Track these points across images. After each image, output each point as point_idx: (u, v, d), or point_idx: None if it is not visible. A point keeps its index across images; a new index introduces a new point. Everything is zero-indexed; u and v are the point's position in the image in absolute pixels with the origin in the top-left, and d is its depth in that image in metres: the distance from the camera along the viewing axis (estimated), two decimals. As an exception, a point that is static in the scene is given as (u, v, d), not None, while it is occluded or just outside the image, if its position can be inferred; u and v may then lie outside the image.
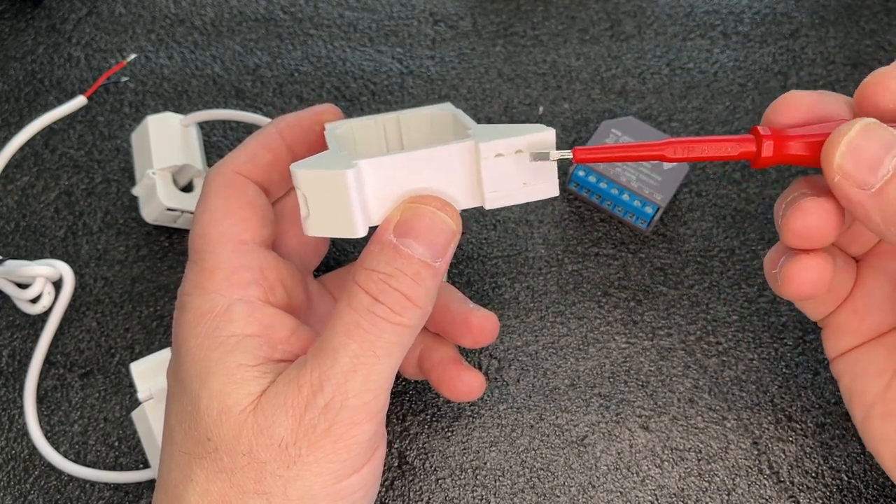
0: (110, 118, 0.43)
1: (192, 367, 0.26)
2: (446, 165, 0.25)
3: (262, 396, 0.25)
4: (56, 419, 0.36)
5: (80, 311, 0.38)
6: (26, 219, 0.41)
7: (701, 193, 0.41)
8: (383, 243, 0.25)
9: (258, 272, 0.28)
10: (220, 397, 0.25)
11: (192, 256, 0.28)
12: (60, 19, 0.46)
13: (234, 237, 0.28)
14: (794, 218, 0.25)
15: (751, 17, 0.46)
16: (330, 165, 0.25)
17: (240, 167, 0.30)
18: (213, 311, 0.27)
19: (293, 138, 0.31)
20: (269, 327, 0.27)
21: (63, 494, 0.35)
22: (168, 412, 0.28)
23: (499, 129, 0.26)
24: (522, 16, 0.46)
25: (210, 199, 0.29)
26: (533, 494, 0.35)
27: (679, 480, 0.35)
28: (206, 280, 0.27)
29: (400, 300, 0.25)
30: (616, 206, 0.39)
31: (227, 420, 0.25)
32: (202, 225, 0.28)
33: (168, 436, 0.27)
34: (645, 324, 0.38)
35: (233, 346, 0.26)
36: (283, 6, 0.46)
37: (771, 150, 0.25)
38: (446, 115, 0.30)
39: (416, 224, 0.25)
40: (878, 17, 0.45)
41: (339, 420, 0.25)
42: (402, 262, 0.25)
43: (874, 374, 0.30)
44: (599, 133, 0.40)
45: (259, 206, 0.29)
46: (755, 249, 0.39)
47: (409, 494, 0.35)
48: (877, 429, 0.29)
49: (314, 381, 0.25)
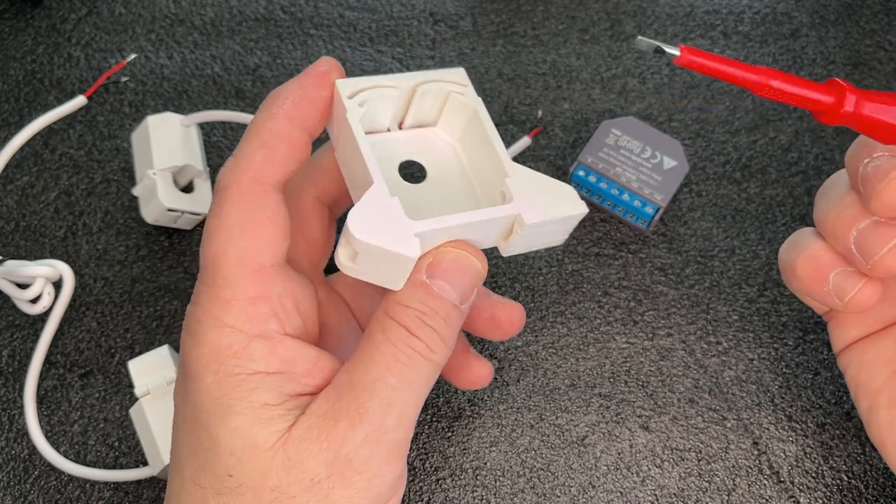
0: (110, 118, 0.43)
1: (210, 403, 0.25)
2: (487, 226, 0.26)
3: (293, 429, 0.25)
4: (56, 419, 0.36)
5: (80, 311, 0.38)
6: (26, 219, 0.41)
7: (701, 193, 0.41)
8: (416, 282, 0.26)
9: (276, 302, 0.26)
10: (244, 436, 0.25)
11: (204, 277, 0.26)
12: (60, 19, 0.46)
13: (252, 260, 0.26)
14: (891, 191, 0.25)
15: (751, 17, 0.46)
16: (395, 238, 0.24)
17: (258, 171, 0.27)
18: (232, 347, 0.25)
19: (303, 118, 0.27)
20: (290, 362, 0.26)
21: (63, 494, 0.35)
22: (178, 439, 0.27)
23: (537, 188, 0.27)
24: (522, 16, 0.46)
25: (226, 214, 0.26)
26: (533, 494, 0.35)
27: (679, 480, 0.35)
28: (222, 311, 0.26)
29: (434, 338, 0.25)
30: (616, 206, 0.39)
31: (254, 458, 0.25)
32: (217, 243, 0.26)
33: (178, 463, 0.27)
34: (645, 324, 0.38)
35: (255, 385, 0.25)
36: (283, 6, 0.46)
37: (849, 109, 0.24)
38: (468, 106, 0.29)
39: (449, 266, 0.26)
40: (878, 17, 0.45)
41: (376, 454, 0.25)
42: (436, 302, 0.26)
43: (881, 363, 0.30)
44: (599, 133, 0.40)
45: (279, 220, 0.27)
46: (755, 249, 0.39)
47: (409, 494, 0.35)
48: (882, 417, 0.29)
49: (352, 414, 0.24)
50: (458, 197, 0.29)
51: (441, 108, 0.30)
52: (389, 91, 0.28)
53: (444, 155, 0.30)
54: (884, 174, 0.25)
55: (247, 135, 0.27)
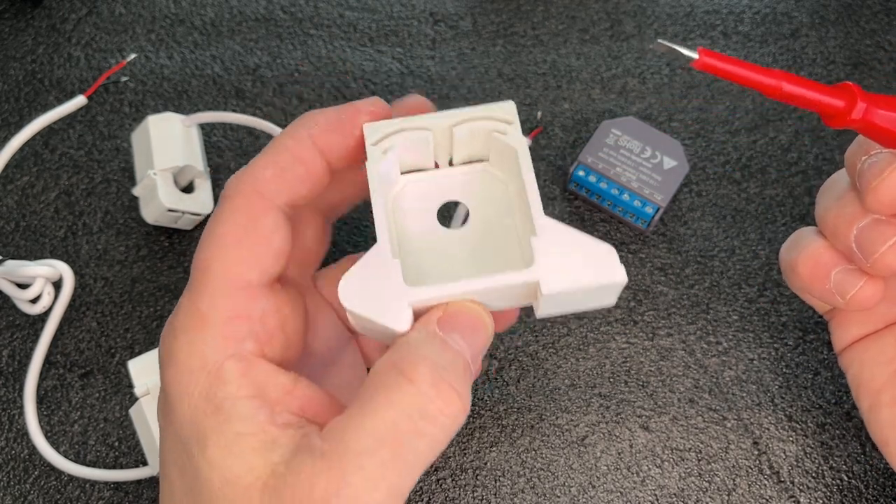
0: (110, 118, 0.43)
1: (187, 427, 0.24)
2: (501, 291, 0.24)
3: (270, 479, 0.23)
4: (56, 419, 0.36)
5: (80, 311, 0.38)
6: (26, 219, 0.41)
7: (701, 193, 0.41)
8: (430, 334, 0.23)
9: (257, 322, 0.25)
10: (220, 470, 0.23)
11: (189, 285, 0.25)
12: (60, 19, 0.46)
13: (237, 277, 0.25)
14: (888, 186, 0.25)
15: (751, 17, 0.46)
16: (382, 309, 0.23)
17: (264, 185, 0.25)
18: (205, 367, 0.24)
19: (328, 146, 0.26)
20: (263, 386, 0.24)
21: (63, 494, 0.35)
22: (165, 458, 0.26)
23: (567, 251, 0.24)
24: (522, 16, 0.46)
25: (221, 223, 0.25)
26: (533, 495, 0.35)
27: (679, 480, 0.35)
28: (197, 327, 0.25)
29: (454, 401, 0.22)
30: (616, 206, 0.39)
31: (231, 494, 0.23)
32: (208, 251, 0.25)
33: (168, 484, 0.26)
34: (645, 324, 0.38)
35: (228, 413, 0.24)
36: (283, 6, 0.46)
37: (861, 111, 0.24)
38: (509, 149, 0.26)
39: (462, 320, 0.23)
40: (878, 17, 0.45)
41: None
42: (452, 355, 0.23)
43: (883, 362, 0.30)
44: (599, 133, 0.40)
45: (276, 239, 0.25)
46: (755, 249, 0.39)
47: (410, 494, 0.35)
48: (884, 416, 0.29)
49: (330, 485, 0.22)
50: (497, 249, 0.26)
51: (487, 146, 0.28)
52: (420, 134, 0.26)
53: (494, 194, 0.28)
54: (880, 170, 0.25)
55: (266, 148, 0.26)
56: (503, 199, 0.27)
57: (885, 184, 0.25)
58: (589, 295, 0.24)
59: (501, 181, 0.28)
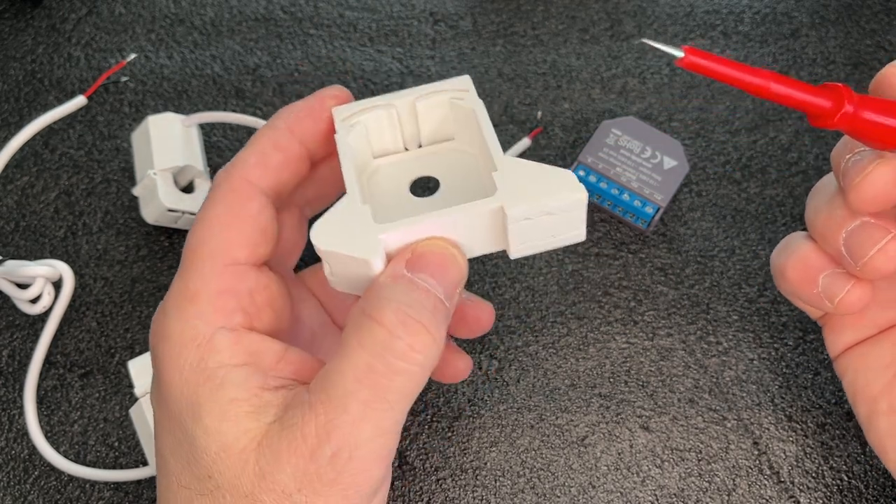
0: (110, 118, 0.43)
1: (182, 401, 0.25)
2: (470, 224, 0.25)
3: (265, 437, 0.24)
4: (56, 419, 0.36)
5: (80, 311, 0.38)
6: (26, 219, 0.41)
7: (701, 193, 0.41)
8: (397, 276, 0.24)
9: (246, 297, 0.26)
10: (216, 436, 0.24)
11: (180, 270, 0.27)
12: (60, 19, 0.46)
13: (225, 255, 0.26)
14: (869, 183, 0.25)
15: (751, 17, 0.46)
16: (353, 242, 0.24)
17: (249, 172, 0.27)
18: (196, 339, 0.25)
19: (304, 132, 0.28)
20: (255, 354, 0.25)
21: (63, 494, 0.35)
22: (160, 442, 0.26)
23: (528, 176, 0.25)
24: (522, 16, 0.46)
25: (210, 208, 0.27)
26: (533, 495, 0.35)
27: (679, 481, 0.35)
28: (188, 303, 0.26)
29: (422, 335, 0.23)
30: (616, 206, 0.39)
31: (227, 459, 0.24)
32: (197, 235, 0.26)
33: (163, 466, 0.26)
34: (645, 324, 0.38)
35: (221, 380, 0.25)
36: (283, 6, 0.46)
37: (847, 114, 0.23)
38: (467, 108, 0.28)
39: (431, 259, 0.24)
40: (878, 17, 0.45)
41: (347, 469, 0.23)
42: (421, 294, 0.24)
43: (880, 368, 0.30)
44: (599, 133, 0.40)
45: (262, 221, 0.27)
46: (755, 249, 0.39)
47: (409, 494, 0.35)
48: (882, 424, 0.29)
49: (320, 431, 0.23)
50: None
51: (451, 120, 0.29)
52: (384, 110, 0.28)
53: (463, 167, 0.29)
54: (862, 168, 0.25)
55: (248, 143, 0.28)
56: (472, 169, 0.29)
57: (867, 181, 0.25)
58: (556, 221, 0.25)
59: (469, 154, 0.29)
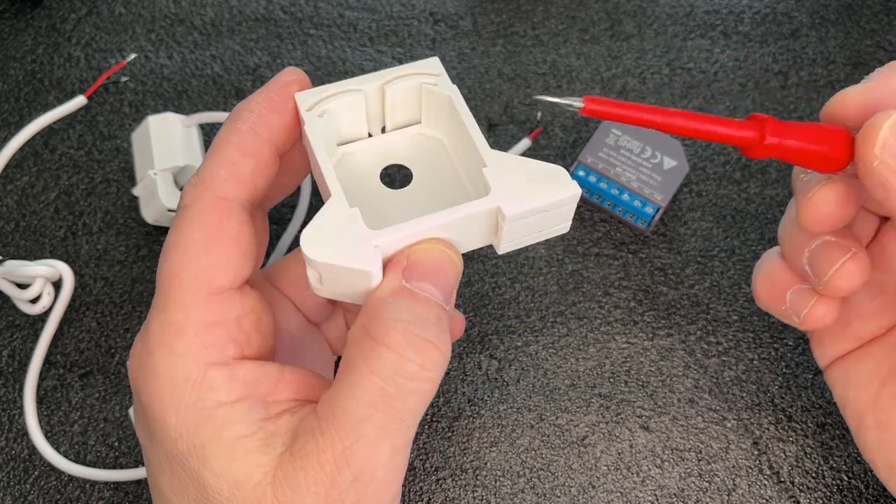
0: (110, 118, 0.43)
1: (182, 443, 0.24)
2: (466, 224, 0.24)
3: (279, 470, 0.23)
4: (56, 419, 0.36)
5: (80, 311, 0.38)
6: (26, 219, 0.41)
7: (701, 193, 0.41)
8: (397, 289, 0.23)
9: (234, 325, 0.25)
10: (227, 476, 0.23)
11: (157, 301, 0.25)
12: (60, 19, 0.46)
13: (209, 283, 0.24)
14: (812, 205, 0.26)
15: (751, 17, 0.46)
16: (350, 254, 0.23)
17: (222, 188, 0.25)
18: (189, 379, 0.24)
19: (270, 130, 0.26)
20: (252, 384, 0.24)
21: (63, 494, 0.35)
22: (157, 479, 0.25)
23: (518, 173, 0.24)
24: (522, 16, 0.46)
25: (185, 231, 0.24)
26: (533, 495, 0.35)
27: (679, 481, 0.35)
28: (174, 339, 0.24)
29: (430, 352, 0.23)
30: (616, 206, 0.39)
31: (242, 496, 0.23)
32: (173, 262, 0.24)
33: (165, 501, 0.25)
34: (645, 324, 0.38)
35: (223, 419, 0.23)
36: (283, 6, 0.46)
37: (772, 144, 0.24)
38: (443, 96, 0.27)
39: (429, 265, 0.23)
40: (878, 17, 0.45)
41: (369, 491, 0.23)
42: (424, 307, 0.23)
43: (863, 384, 0.30)
44: (599, 133, 0.40)
45: (243, 241, 0.25)
46: (755, 249, 0.39)
47: (409, 494, 0.35)
48: (870, 439, 0.29)
49: (338, 457, 0.23)
50: (447, 197, 0.27)
51: (419, 105, 0.28)
52: (352, 96, 0.27)
53: (432, 153, 0.28)
54: (808, 189, 0.26)
55: (210, 151, 0.26)
56: (441, 155, 0.28)
57: (810, 203, 0.26)
58: (548, 217, 0.24)
59: (436, 139, 0.28)
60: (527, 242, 0.25)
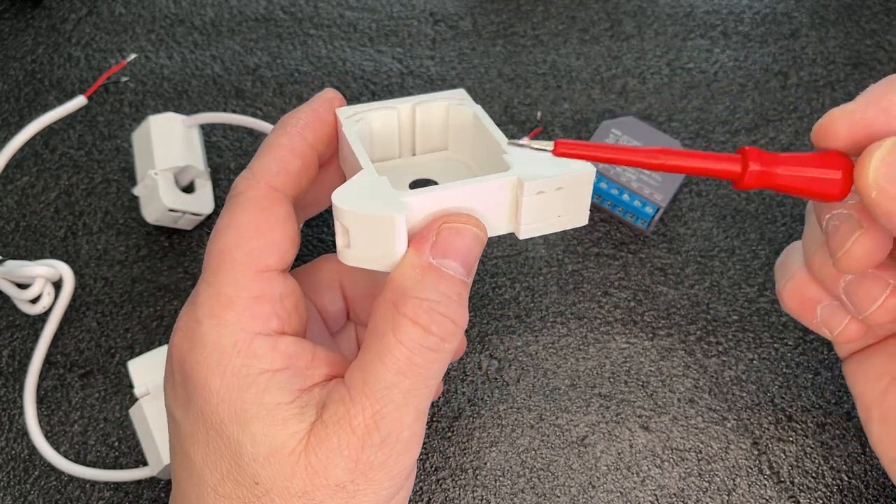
0: (110, 118, 0.43)
1: (223, 408, 0.25)
2: (488, 197, 0.26)
3: (311, 436, 0.25)
4: (56, 419, 0.36)
5: (80, 311, 0.38)
6: (26, 219, 0.41)
7: (701, 193, 0.41)
8: (424, 267, 0.25)
9: (278, 302, 0.27)
10: (265, 440, 0.25)
11: (206, 276, 0.27)
12: (60, 19, 0.46)
13: (258, 262, 0.26)
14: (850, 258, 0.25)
15: (751, 17, 0.46)
16: (379, 205, 0.24)
17: (273, 179, 0.27)
18: (236, 346, 0.25)
19: (315, 137, 0.29)
20: (292, 357, 0.26)
21: (63, 494, 0.35)
22: (188, 451, 0.26)
23: (535, 158, 0.26)
24: (522, 16, 0.46)
25: (240, 214, 0.27)
26: (533, 495, 0.35)
27: (679, 480, 0.35)
28: (223, 310, 0.26)
29: (449, 328, 0.25)
30: (616, 206, 0.39)
31: (277, 462, 0.25)
32: (225, 241, 0.26)
33: (193, 476, 0.26)
34: (645, 324, 0.38)
35: (266, 384, 0.25)
36: (283, 6, 0.46)
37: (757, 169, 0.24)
38: (465, 112, 0.30)
39: (455, 243, 0.25)
40: (878, 17, 0.45)
41: (394, 452, 0.25)
42: (448, 284, 0.25)
43: (873, 378, 0.30)
44: (599, 133, 0.40)
45: (290, 227, 0.27)
46: (755, 249, 0.39)
47: (410, 494, 0.35)
48: (875, 432, 0.30)
49: (368, 421, 0.24)
50: None
51: (446, 129, 0.30)
52: (386, 112, 0.30)
53: (459, 173, 0.30)
54: (842, 241, 0.25)
55: (262, 149, 0.28)
56: (467, 175, 0.30)
57: (849, 256, 0.25)
58: (565, 198, 0.26)
59: (463, 163, 0.31)
60: (546, 229, 0.27)
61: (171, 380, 0.27)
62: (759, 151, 0.24)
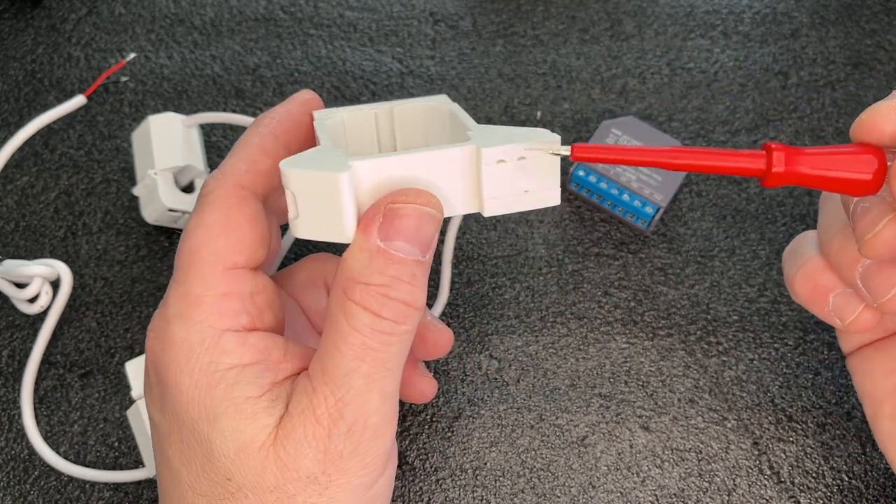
0: (110, 118, 0.43)
1: (193, 406, 0.25)
2: (445, 168, 0.24)
3: (279, 430, 0.25)
4: (55, 419, 0.36)
5: (80, 311, 0.38)
6: (26, 219, 0.41)
7: (701, 193, 0.41)
8: (372, 250, 0.24)
9: (248, 299, 0.26)
10: (234, 435, 0.24)
11: (177, 276, 0.26)
12: (60, 19, 0.46)
13: (226, 259, 0.26)
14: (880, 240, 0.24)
15: (751, 17, 0.46)
16: (323, 166, 0.23)
17: (242, 178, 0.27)
18: (203, 343, 0.25)
19: (287, 137, 0.29)
20: (264, 351, 0.26)
21: (63, 495, 0.35)
22: (167, 451, 0.26)
23: (501, 132, 0.25)
24: (522, 16, 0.46)
25: (208, 214, 0.26)
26: (533, 495, 0.35)
27: (679, 481, 0.35)
28: (192, 308, 0.26)
29: (402, 310, 0.24)
30: (616, 206, 0.39)
31: (247, 458, 0.24)
32: (194, 241, 0.26)
33: (173, 477, 0.26)
34: (645, 324, 0.38)
35: (234, 379, 0.25)
36: (283, 6, 0.46)
37: (782, 167, 0.23)
38: (442, 109, 0.29)
39: (402, 224, 0.24)
40: (878, 17, 0.45)
41: (363, 439, 0.25)
42: (397, 267, 0.24)
43: (884, 373, 0.30)
44: (599, 133, 0.40)
45: (259, 225, 0.27)
46: (755, 249, 0.39)
47: (409, 494, 0.35)
48: (885, 428, 0.29)
49: (332, 410, 0.24)
50: None
51: (426, 128, 0.30)
52: (364, 112, 0.30)
53: None
54: (872, 223, 0.25)
55: (234, 149, 0.28)
56: None
57: (878, 239, 0.25)
58: (530, 171, 0.24)
59: None
60: (514, 206, 0.25)
61: (148, 382, 0.27)
62: (784, 147, 0.23)
